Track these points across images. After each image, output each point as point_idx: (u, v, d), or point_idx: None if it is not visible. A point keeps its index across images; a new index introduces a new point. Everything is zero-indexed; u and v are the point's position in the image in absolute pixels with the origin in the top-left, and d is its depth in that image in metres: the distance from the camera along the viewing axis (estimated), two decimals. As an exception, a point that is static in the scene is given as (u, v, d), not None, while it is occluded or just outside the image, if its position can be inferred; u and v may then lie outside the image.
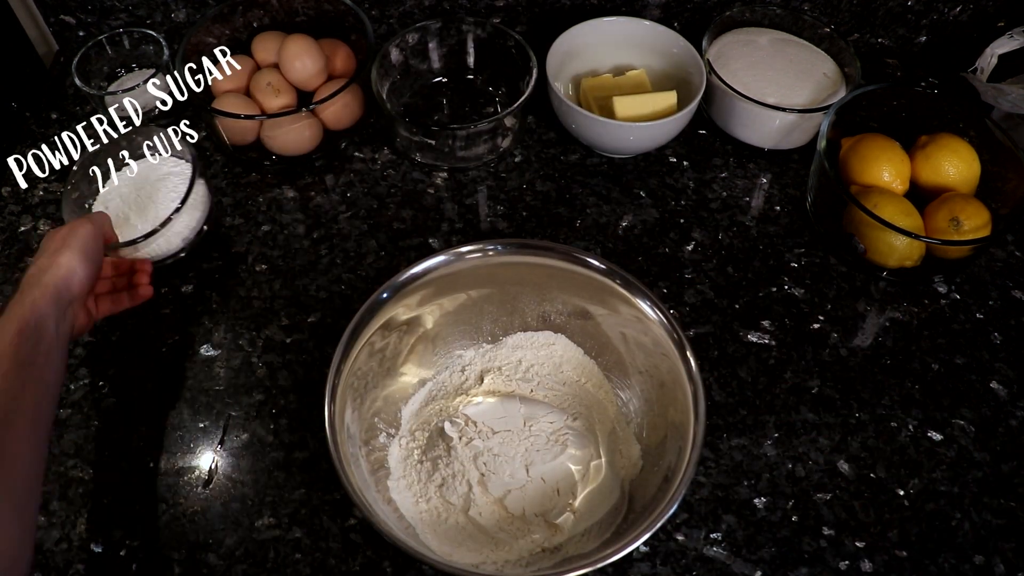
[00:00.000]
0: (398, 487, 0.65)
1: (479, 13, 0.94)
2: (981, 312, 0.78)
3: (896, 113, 0.84)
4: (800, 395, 0.73)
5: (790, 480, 0.68)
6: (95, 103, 0.86)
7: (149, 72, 0.87)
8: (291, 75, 0.85)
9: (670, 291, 0.78)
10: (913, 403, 0.73)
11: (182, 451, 0.69)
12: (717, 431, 0.70)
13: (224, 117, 0.81)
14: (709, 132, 0.90)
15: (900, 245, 0.75)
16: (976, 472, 0.69)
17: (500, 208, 0.84)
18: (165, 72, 0.83)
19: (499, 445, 0.65)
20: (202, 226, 0.76)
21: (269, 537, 0.65)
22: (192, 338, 0.75)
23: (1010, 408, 0.73)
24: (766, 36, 0.90)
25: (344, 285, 0.78)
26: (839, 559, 0.64)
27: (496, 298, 0.72)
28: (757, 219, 0.84)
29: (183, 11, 0.93)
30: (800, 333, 0.76)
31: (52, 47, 0.97)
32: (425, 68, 0.92)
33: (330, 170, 0.87)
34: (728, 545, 0.65)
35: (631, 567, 0.64)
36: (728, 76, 0.85)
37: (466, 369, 0.72)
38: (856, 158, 0.80)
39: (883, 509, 0.67)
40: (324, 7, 0.89)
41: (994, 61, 0.90)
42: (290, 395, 0.72)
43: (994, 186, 0.79)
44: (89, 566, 0.63)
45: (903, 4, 0.94)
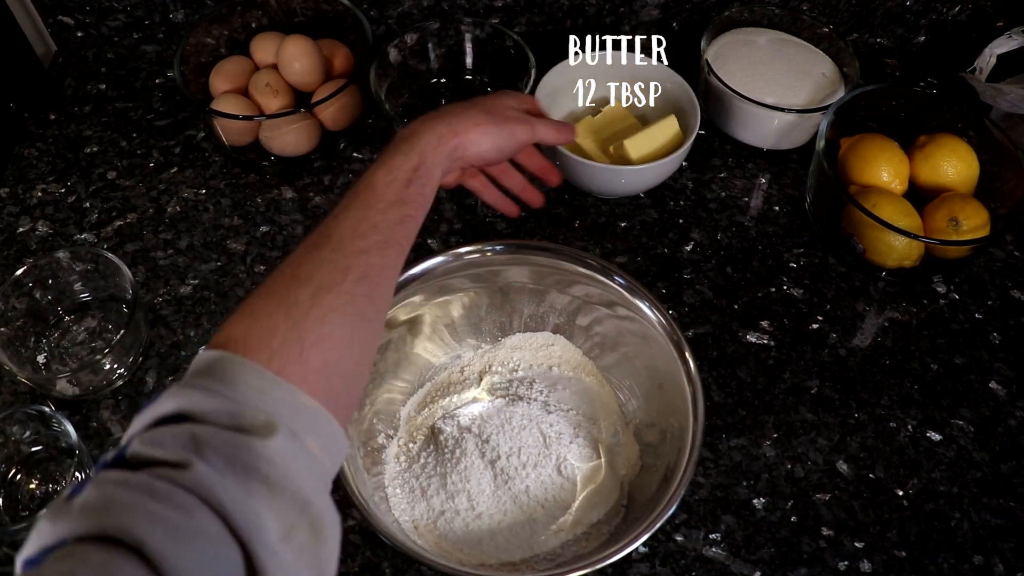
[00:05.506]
0: (396, 487, 0.65)
1: (477, 14, 0.94)
2: (980, 312, 0.78)
3: (895, 113, 0.84)
4: (799, 395, 0.73)
5: (789, 480, 0.68)
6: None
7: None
8: (289, 76, 0.85)
9: (669, 291, 0.78)
10: (912, 403, 0.73)
11: (181, 452, 0.69)
12: (716, 431, 0.70)
13: (222, 118, 0.80)
14: (708, 132, 0.90)
15: (899, 245, 0.75)
16: (975, 472, 0.69)
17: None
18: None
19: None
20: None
21: (268, 538, 0.65)
22: (191, 339, 0.75)
23: (1009, 408, 0.73)
24: (765, 36, 0.90)
25: (343, 286, 0.78)
26: (838, 559, 0.64)
27: (495, 299, 0.72)
28: (756, 219, 0.84)
29: (181, 12, 0.93)
30: (799, 333, 0.76)
31: (50, 47, 0.97)
32: (423, 69, 0.92)
33: (329, 171, 0.87)
34: (727, 545, 0.65)
35: (631, 567, 0.64)
36: (727, 76, 0.85)
37: (465, 369, 0.72)
38: (855, 158, 0.80)
39: (882, 509, 0.67)
40: (322, 8, 0.89)
41: (993, 61, 0.90)
42: (289, 396, 0.71)
43: (993, 186, 0.79)
44: (88, 567, 0.63)
45: (902, 4, 0.94)
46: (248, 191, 0.85)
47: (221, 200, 0.84)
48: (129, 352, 0.71)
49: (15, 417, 0.66)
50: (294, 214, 0.83)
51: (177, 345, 0.74)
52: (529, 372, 0.71)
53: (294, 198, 0.84)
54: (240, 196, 0.84)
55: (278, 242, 0.81)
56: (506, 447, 0.65)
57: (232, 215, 0.83)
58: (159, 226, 0.82)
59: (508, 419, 0.67)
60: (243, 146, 0.85)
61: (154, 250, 0.80)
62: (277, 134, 0.83)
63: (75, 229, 0.81)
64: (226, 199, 0.84)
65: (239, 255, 0.80)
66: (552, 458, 0.65)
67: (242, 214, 0.83)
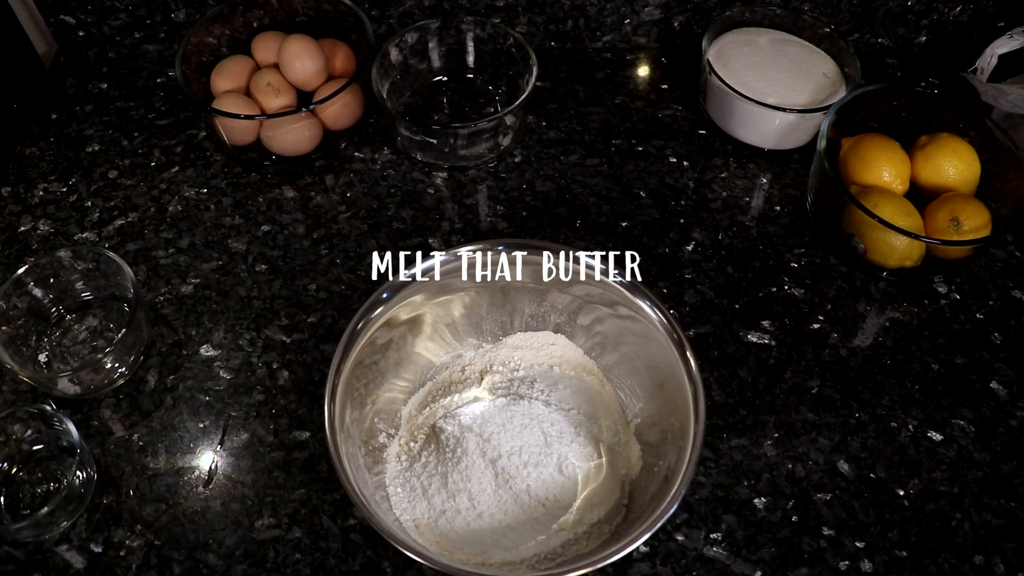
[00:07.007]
0: (397, 486, 0.65)
1: (479, 12, 0.94)
2: (981, 312, 0.78)
3: (896, 113, 0.84)
4: (800, 395, 0.73)
5: (790, 480, 0.68)
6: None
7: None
8: (291, 75, 0.85)
9: (670, 291, 0.78)
10: (913, 403, 0.73)
11: (182, 451, 0.69)
12: (717, 431, 0.70)
13: (224, 117, 0.81)
14: (709, 132, 0.90)
15: (900, 245, 0.75)
16: (976, 472, 0.69)
17: (500, 208, 0.84)
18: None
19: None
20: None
21: (269, 537, 0.65)
22: (192, 338, 0.75)
23: (1010, 408, 0.72)
24: (766, 36, 0.90)
25: (344, 285, 0.78)
26: (839, 559, 0.64)
27: (496, 298, 0.72)
28: (757, 219, 0.84)
29: (183, 11, 0.93)
30: (800, 333, 0.76)
31: (52, 47, 0.97)
32: (425, 68, 0.92)
33: (330, 170, 0.87)
34: (728, 545, 0.65)
35: (631, 567, 0.64)
36: (728, 76, 0.85)
37: (466, 369, 0.72)
38: (856, 158, 0.80)
39: (883, 509, 0.67)
40: (324, 7, 0.89)
41: (994, 61, 0.90)
42: (290, 395, 0.72)
43: (994, 186, 0.79)
44: (89, 566, 0.63)
45: (903, 4, 0.94)
46: (249, 190, 0.85)
47: (222, 199, 0.84)
48: (130, 351, 0.71)
49: (16, 416, 0.66)
50: (295, 213, 0.83)
51: (178, 344, 0.74)
52: (530, 371, 0.71)
53: (295, 197, 0.85)
54: (241, 195, 0.85)
55: (279, 241, 0.81)
56: (507, 446, 0.65)
57: (233, 214, 0.83)
58: (160, 225, 0.82)
59: (509, 418, 0.67)
60: (244, 145, 0.85)
61: (155, 249, 0.80)
62: (278, 133, 0.83)
63: (76, 228, 0.82)
64: (227, 198, 0.84)
65: (240, 254, 0.80)
66: (553, 457, 0.65)
67: (243, 213, 0.83)
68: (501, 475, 0.64)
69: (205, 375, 0.73)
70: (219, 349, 0.74)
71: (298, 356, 0.74)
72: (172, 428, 0.70)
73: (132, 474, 0.67)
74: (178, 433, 0.70)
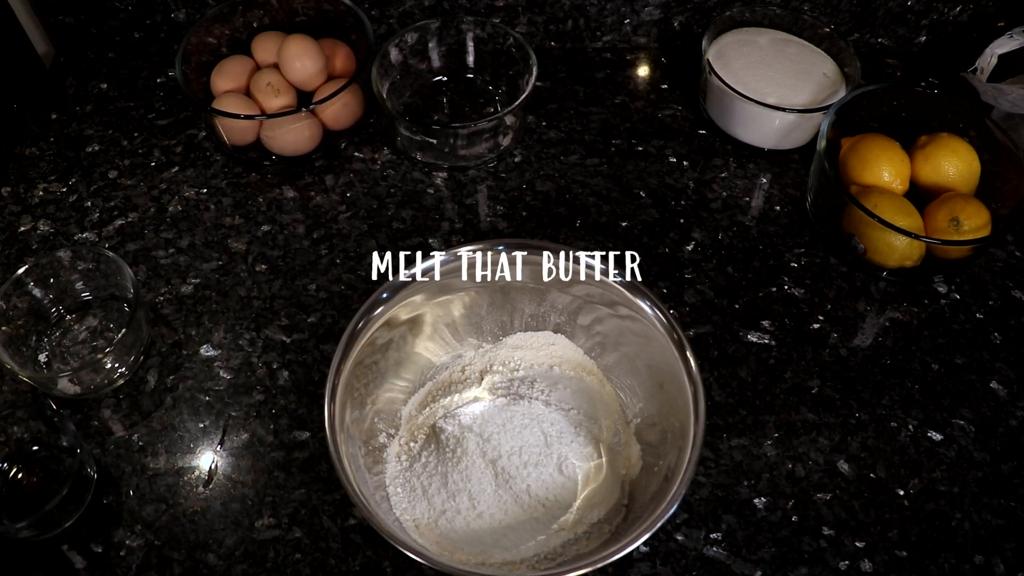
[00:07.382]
0: (398, 487, 0.65)
1: (479, 12, 0.94)
2: (981, 312, 0.78)
3: (896, 113, 0.84)
4: (800, 395, 0.73)
5: (790, 480, 0.68)
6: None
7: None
8: (291, 75, 0.85)
9: (670, 291, 0.78)
10: (913, 403, 0.73)
11: (182, 451, 0.69)
12: (717, 431, 0.70)
13: (224, 117, 0.81)
14: (709, 132, 0.90)
15: (900, 245, 0.75)
16: (976, 472, 0.69)
17: (500, 208, 0.84)
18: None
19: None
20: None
21: (269, 537, 0.65)
22: (192, 338, 0.75)
23: (1010, 408, 0.73)
24: (766, 36, 0.90)
25: (344, 285, 0.78)
26: (839, 559, 0.64)
27: (496, 298, 0.72)
28: (757, 219, 0.84)
29: (183, 11, 0.93)
30: (800, 333, 0.76)
31: (52, 47, 0.97)
32: (425, 68, 0.92)
33: (330, 170, 0.87)
34: (728, 545, 0.65)
35: (631, 567, 0.64)
36: (728, 76, 0.85)
37: (466, 369, 0.72)
38: (856, 158, 0.80)
39: (883, 509, 0.67)
40: (324, 7, 0.89)
41: (994, 61, 0.90)
42: (290, 395, 0.72)
43: (994, 186, 0.79)
44: (89, 566, 0.63)
45: (903, 4, 0.94)
46: (249, 190, 0.85)
47: (222, 199, 0.84)
48: (130, 351, 0.71)
49: (16, 416, 0.66)
50: (295, 213, 0.83)
51: (178, 344, 0.74)
52: (530, 371, 0.71)
53: (295, 197, 0.85)
54: (241, 195, 0.85)
55: (279, 241, 0.81)
56: (507, 446, 0.65)
57: (233, 214, 0.83)
58: (160, 225, 0.82)
59: (509, 418, 0.67)
60: (244, 145, 0.85)
61: (155, 249, 0.80)
62: (278, 133, 0.83)
63: (76, 228, 0.82)
64: (227, 198, 0.84)
65: (240, 254, 0.80)
66: (553, 457, 0.65)
67: (243, 213, 0.83)
68: (501, 475, 0.64)
69: (205, 375, 0.73)
70: (219, 349, 0.74)
71: (298, 356, 0.74)
72: (172, 428, 0.70)
73: (132, 474, 0.67)
74: (178, 433, 0.70)
